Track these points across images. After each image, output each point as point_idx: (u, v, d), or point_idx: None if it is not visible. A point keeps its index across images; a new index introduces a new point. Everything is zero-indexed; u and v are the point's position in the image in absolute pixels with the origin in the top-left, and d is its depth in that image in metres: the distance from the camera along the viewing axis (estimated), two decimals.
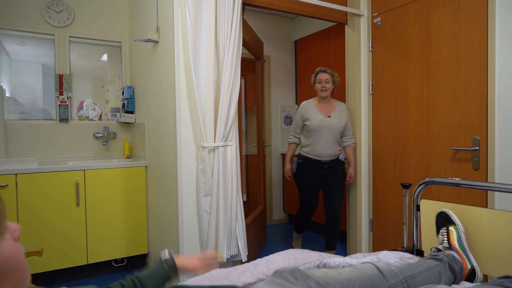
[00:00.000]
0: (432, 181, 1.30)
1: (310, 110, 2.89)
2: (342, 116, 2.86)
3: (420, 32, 2.48)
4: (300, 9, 2.72)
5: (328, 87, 2.82)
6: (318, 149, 2.83)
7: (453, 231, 1.10)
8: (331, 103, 2.92)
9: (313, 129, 2.82)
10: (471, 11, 2.17)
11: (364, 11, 2.88)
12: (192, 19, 2.13)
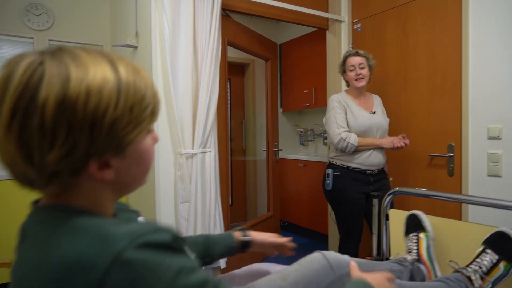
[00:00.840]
0: (400, 191, 1.32)
1: (349, 104, 2.21)
2: (383, 111, 2.31)
3: (398, 39, 2.51)
4: (281, 15, 2.73)
5: (364, 73, 2.18)
6: (365, 156, 2.15)
7: (423, 238, 1.10)
8: (367, 95, 2.33)
9: (361, 130, 2.15)
10: (446, 20, 2.20)
11: (345, 17, 2.90)
12: (170, 24, 2.12)
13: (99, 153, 0.50)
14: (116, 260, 0.45)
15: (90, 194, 0.54)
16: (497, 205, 1.01)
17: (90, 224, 0.50)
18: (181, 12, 2.14)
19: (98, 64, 0.50)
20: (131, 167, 0.56)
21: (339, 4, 2.91)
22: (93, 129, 0.48)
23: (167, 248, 0.49)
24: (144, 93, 0.54)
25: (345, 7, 2.90)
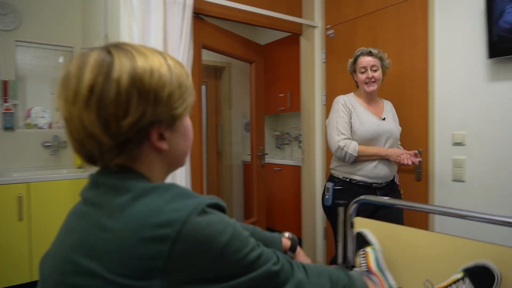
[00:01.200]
0: (364, 200, 1.33)
1: (356, 108, 1.99)
2: (395, 118, 2.08)
3: (369, 45, 2.54)
4: (255, 19, 2.73)
5: (376, 76, 1.94)
6: (370, 167, 1.91)
7: (370, 252, 1.13)
8: (378, 100, 2.10)
9: (367, 137, 1.92)
10: (413, 29, 2.26)
11: (318, 23, 2.93)
12: (139, 28, 2.08)
13: (158, 122, 0.60)
14: (186, 223, 0.53)
15: (150, 166, 0.64)
16: (450, 213, 1.04)
17: (162, 187, 0.59)
18: (151, 16, 2.11)
19: (153, 53, 0.62)
20: (179, 140, 0.66)
21: (312, 10, 2.93)
22: (156, 99, 0.59)
23: (222, 210, 0.60)
24: (186, 77, 0.65)
25: (318, 13, 2.93)
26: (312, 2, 2.94)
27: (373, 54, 1.95)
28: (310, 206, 2.98)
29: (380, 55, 1.96)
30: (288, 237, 1.05)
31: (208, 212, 0.56)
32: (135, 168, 0.63)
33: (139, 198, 0.56)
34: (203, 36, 2.53)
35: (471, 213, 1.12)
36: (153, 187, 0.58)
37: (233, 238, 0.56)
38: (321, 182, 2.95)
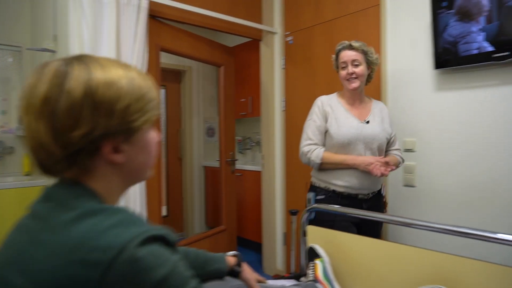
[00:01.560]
0: (316, 208, 1.35)
1: (336, 109, 1.82)
2: (385, 120, 1.85)
3: (326, 53, 2.60)
4: (215, 24, 2.70)
5: (358, 72, 1.75)
6: (351, 176, 1.73)
7: (318, 263, 1.14)
8: (366, 100, 1.89)
9: (344, 143, 1.74)
10: (367, 37, 2.33)
11: (278, 29, 2.95)
12: (90, 29, 1.99)
13: (112, 135, 0.59)
14: (123, 251, 0.50)
15: (104, 180, 0.62)
16: (394, 221, 1.07)
17: (110, 210, 0.57)
18: (103, 17, 2.02)
19: (114, 66, 0.62)
20: (138, 154, 0.65)
21: (272, 17, 2.95)
22: (111, 111, 0.58)
23: (167, 243, 0.57)
24: (148, 90, 0.65)
25: (278, 19, 2.95)
26: (272, 9, 2.96)
27: (354, 48, 1.76)
28: (270, 212, 2.99)
29: (363, 49, 1.77)
30: (232, 254, 1.05)
31: (150, 244, 0.53)
32: (88, 183, 0.61)
33: (85, 217, 0.55)
34: (161, 39, 2.46)
35: (415, 221, 1.15)
36: (101, 209, 0.57)
37: (171, 274, 0.54)
38: (281, 187, 2.96)
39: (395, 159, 1.85)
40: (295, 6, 2.82)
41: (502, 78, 1.78)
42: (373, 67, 1.83)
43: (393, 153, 1.88)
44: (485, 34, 1.74)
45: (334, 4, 2.54)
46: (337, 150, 1.76)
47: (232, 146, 3.20)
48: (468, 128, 1.90)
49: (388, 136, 1.83)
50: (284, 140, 2.94)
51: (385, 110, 1.91)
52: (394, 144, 1.90)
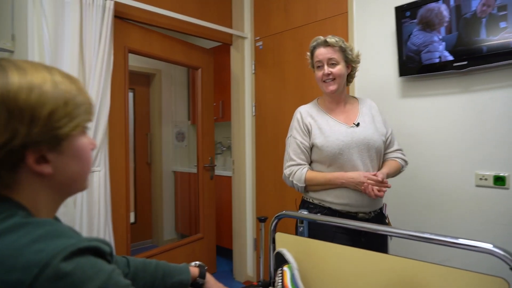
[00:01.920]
0: (285, 215, 1.34)
1: (318, 118, 1.59)
2: (376, 119, 1.61)
3: (296, 59, 2.62)
4: (184, 27, 2.65)
5: (335, 72, 1.52)
6: (351, 192, 1.48)
7: (286, 270, 1.14)
8: (351, 101, 1.65)
9: (335, 154, 1.49)
10: None
11: (248, 34, 2.95)
12: (51, 30, 1.91)
13: (36, 144, 0.54)
14: (45, 268, 0.46)
15: (32, 193, 0.57)
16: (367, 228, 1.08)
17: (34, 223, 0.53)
18: (65, 18, 1.94)
19: (37, 69, 0.57)
20: (69, 163, 0.60)
21: (242, 21, 2.95)
22: (33, 118, 0.54)
23: (99, 255, 0.53)
24: (77, 93, 0.60)
25: (248, 24, 2.95)
26: (242, 14, 2.95)
27: (330, 44, 1.52)
28: (241, 217, 2.96)
29: (341, 45, 1.53)
30: (195, 265, 1.01)
31: (79, 256, 0.49)
32: (13, 197, 0.56)
33: (5, 234, 0.50)
34: (130, 40, 2.40)
35: (381, 228, 1.17)
36: (24, 223, 0.52)
37: (106, 285, 0.50)
38: (251, 193, 2.95)
39: (395, 166, 1.56)
40: (265, 12, 2.83)
41: (462, 86, 1.86)
42: (354, 66, 1.60)
43: (392, 156, 1.61)
44: (445, 44, 1.81)
45: (303, 11, 2.56)
46: (329, 163, 1.51)
47: (211, 151, 3.13)
48: (432, 134, 1.97)
49: (384, 136, 1.57)
50: (254, 145, 2.93)
51: (374, 107, 1.64)
52: (392, 145, 1.63)
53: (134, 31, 2.43)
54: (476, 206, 1.82)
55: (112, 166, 2.22)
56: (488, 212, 1.78)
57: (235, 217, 3.02)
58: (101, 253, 0.53)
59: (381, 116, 1.63)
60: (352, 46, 1.59)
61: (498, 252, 0.86)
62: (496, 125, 1.76)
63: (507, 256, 0.85)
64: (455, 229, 1.89)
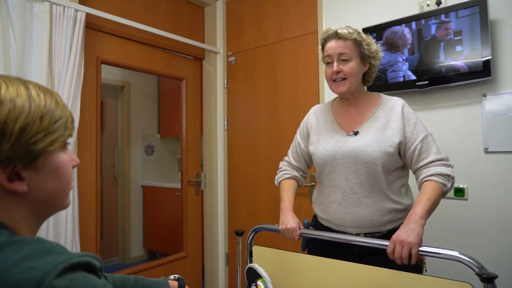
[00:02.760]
0: (262, 228, 1.36)
1: (323, 121, 1.45)
2: (390, 125, 1.31)
3: (268, 74, 2.68)
4: (156, 41, 2.65)
5: (347, 71, 1.30)
6: (332, 209, 1.36)
7: (261, 285, 1.15)
8: (367, 102, 1.40)
9: (318, 163, 1.40)
10: (305, 61, 2.46)
11: (220, 49, 2.99)
12: (18, 40, 1.84)
13: (7, 160, 0.52)
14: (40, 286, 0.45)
15: (8, 212, 0.55)
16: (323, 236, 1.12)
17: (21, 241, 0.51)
18: (34, 28, 1.89)
19: (11, 82, 0.55)
20: (46, 180, 0.58)
21: (214, 37, 2.99)
22: (3, 133, 0.52)
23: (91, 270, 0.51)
24: (55, 108, 0.58)
25: (220, 39, 3.00)
26: (215, 29, 2.99)
27: (342, 37, 1.29)
28: (212, 232, 2.94)
29: (355, 37, 1.29)
30: (174, 278, 1.01)
31: (72, 272, 0.48)
32: None
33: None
34: (104, 51, 2.35)
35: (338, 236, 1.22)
36: (10, 242, 0.50)
37: None
38: (223, 206, 2.94)
39: (432, 195, 1.17)
40: (237, 28, 2.89)
41: (424, 104, 1.99)
42: (373, 63, 1.35)
43: (426, 175, 1.23)
44: (409, 64, 1.94)
45: (275, 28, 2.65)
46: (318, 172, 1.42)
47: (197, 166, 3.02)
48: None
49: (392, 147, 1.26)
50: (226, 159, 2.94)
51: (397, 110, 1.32)
52: (425, 156, 1.26)
53: (109, 41, 2.39)
54: (438, 216, 1.93)
55: (81, 181, 2.15)
56: (449, 222, 1.90)
57: (207, 231, 2.99)
58: (93, 269, 0.52)
59: (405, 120, 1.30)
60: (371, 39, 1.34)
61: (464, 259, 0.93)
62: (454, 140, 1.90)
63: (472, 262, 0.91)
64: None
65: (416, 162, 1.28)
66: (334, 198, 1.33)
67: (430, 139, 1.29)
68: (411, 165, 1.31)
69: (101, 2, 2.33)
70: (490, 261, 1.75)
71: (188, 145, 2.95)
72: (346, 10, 2.28)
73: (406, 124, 1.29)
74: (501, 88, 1.76)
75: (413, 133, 1.28)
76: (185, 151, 2.94)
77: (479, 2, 1.72)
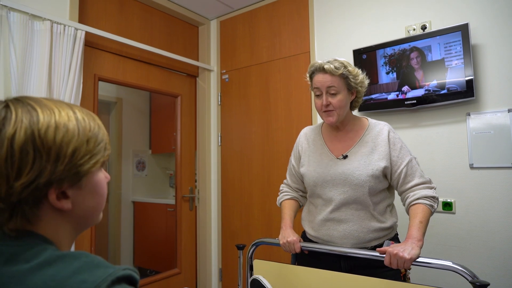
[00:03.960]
0: (262, 242, 1.40)
1: (313, 144, 1.53)
2: (377, 150, 1.39)
3: (261, 92, 2.76)
4: (152, 59, 2.71)
5: (336, 104, 1.37)
6: (321, 226, 1.43)
7: None
8: (355, 127, 1.48)
9: (309, 184, 1.48)
10: (299, 80, 2.55)
11: (214, 67, 3.06)
12: (19, 57, 1.87)
13: (59, 181, 0.56)
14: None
15: (53, 228, 0.58)
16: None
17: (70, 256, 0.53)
18: (35, 45, 1.92)
19: (61, 107, 0.59)
20: (87, 198, 0.61)
21: (208, 55, 3.07)
22: (59, 156, 0.55)
23: (132, 283, 0.55)
24: (98, 131, 0.63)
25: (214, 58, 3.08)
26: (209, 48, 3.08)
27: (327, 71, 1.35)
28: (206, 247, 2.94)
29: (342, 72, 1.34)
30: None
31: (117, 285, 0.52)
32: (37, 231, 0.57)
33: (43, 267, 0.51)
34: (101, 68, 2.39)
35: (326, 247, 1.27)
36: (60, 256, 0.53)
37: None
38: (216, 222, 2.96)
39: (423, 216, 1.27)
40: (231, 47, 2.98)
41: (412, 122, 2.09)
42: (359, 89, 1.42)
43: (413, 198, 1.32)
44: (398, 84, 2.05)
45: (268, 48, 2.74)
46: (309, 192, 1.50)
47: (191, 181, 3.04)
48: None
49: (378, 171, 1.35)
50: (220, 175, 2.98)
51: (383, 135, 1.40)
52: (410, 179, 1.35)
53: (106, 59, 2.43)
54: (428, 229, 2.00)
55: None
56: (439, 235, 1.97)
57: (200, 247, 2.99)
58: (134, 281, 0.56)
59: (391, 145, 1.39)
60: (357, 70, 1.41)
61: (457, 268, 0.99)
62: (441, 156, 1.99)
63: (465, 271, 0.98)
64: None
65: (401, 184, 1.37)
66: (323, 216, 1.41)
67: (414, 162, 1.38)
68: (396, 187, 1.40)
69: (99, 21, 2.38)
70: (477, 272, 1.82)
71: (183, 160, 2.98)
72: (337, 32, 2.39)
73: (392, 149, 1.38)
74: (484, 107, 1.88)
75: (399, 157, 1.37)
76: (180, 166, 2.96)
77: (461, 28, 1.85)
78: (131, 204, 4.03)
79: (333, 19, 2.42)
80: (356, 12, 2.32)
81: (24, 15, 1.89)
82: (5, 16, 1.86)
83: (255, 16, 2.84)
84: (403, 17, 2.14)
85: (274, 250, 2.51)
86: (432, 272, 1.62)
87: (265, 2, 2.78)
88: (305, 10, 2.55)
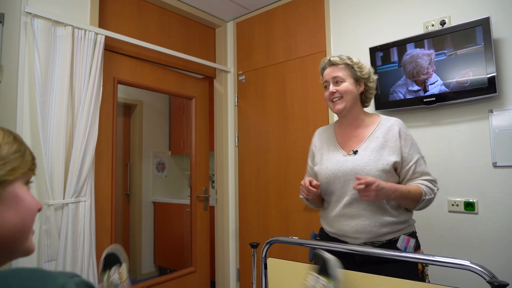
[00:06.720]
0: (276, 240, 1.40)
1: (326, 142, 1.57)
2: (387, 145, 1.41)
3: (278, 92, 2.76)
4: (170, 61, 2.76)
5: (341, 90, 1.44)
6: (335, 222, 1.45)
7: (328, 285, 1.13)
8: (366, 123, 1.50)
9: (322, 182, 1.48)
10: (315, 79, 2.53)
11: (231, 68, 3.09)
12: (42, 62, 1.94)
13: None
14: None
15: None
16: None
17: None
18: (57, 50, 2.00)
19: None
20: (7, 212, 0.54)
21: (225, 56, 3.09)
22: None
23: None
24: (12, 141, 0.58)
25: (230, 59, 3.10)
26: (225, 49, 3.10)
27: (333, 63, 1.47)
28: (224, 248, 2.96)
29: (346, 62, 1.45)
30: None
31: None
32: None
33: None
34: (120, 72, 2.46)
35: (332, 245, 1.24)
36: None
37: None
38: (234, 222, 2.97)
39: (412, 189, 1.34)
40: (247, 48, 3.00)
41: (432, 120, 2.04)
42: (368, 84, 1.49)
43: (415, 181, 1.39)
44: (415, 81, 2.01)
45: (284, 48, 2.74)
46: (324, 190, 1.50)
47: (205, 181, 3.07)
48: None
49: (388, 165, 1.36)
50: (237, 175, 3.00)
51: (394, 130, 1.42)
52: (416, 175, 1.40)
53: (125, 62, 2.50)
54: (449, 230, 1.95)
55: (98, 196, 2.21)
56: (460, 235, 1.91)
57: (218, 247, 3.01)
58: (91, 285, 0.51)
59: (402, 141, 1.40)
60: (362, 63, 1.48)
61: (475, 268, 0.96)
62: (463, 155, 1.93)
63: (483, 271, 0.94)
64: (430, 252, 2.00)
65: (408, 180, 1.42)
66: (336, 212, 1.44)
67: (422, 162, 1.44)
68: (402, 181, 1.43)
69: (118, 25, 2.45)
70: (499, 274, 1.75)
71: (197, 161, 3.01)
72: (354, 30, 2.37)
73: (403, 145, 1.41)
74: (507, 104, 1.81)
75: (409, 154, 1.41)
76: (194, 167, 3.00)
77: (482, 22, 1.79)
78: (152, 205, 4.11)
79: (350, 17, 2.40)
80: (373, 9, 2.29)
81: (47, 21, 1.97)
82: (30, 23, 1.94)
83: (271, 17, 2.84)
84: (421, 12, 2.10)
85: (291, 249, 2.50)
86: (452, 272, 1.57)
87: (280, 3, 2.79)
88: (321, 9, 2.54)
